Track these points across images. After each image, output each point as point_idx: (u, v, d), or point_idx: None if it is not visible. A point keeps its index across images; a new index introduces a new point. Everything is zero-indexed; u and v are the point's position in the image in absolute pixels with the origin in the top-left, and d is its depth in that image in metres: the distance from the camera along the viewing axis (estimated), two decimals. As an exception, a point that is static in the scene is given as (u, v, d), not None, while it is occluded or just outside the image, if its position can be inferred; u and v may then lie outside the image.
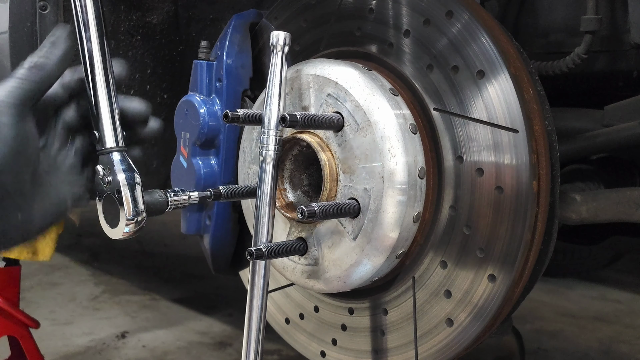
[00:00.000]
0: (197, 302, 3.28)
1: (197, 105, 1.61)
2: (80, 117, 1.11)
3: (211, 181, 1.62)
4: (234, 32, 1.62)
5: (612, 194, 1.47)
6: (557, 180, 1.28)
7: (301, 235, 1.33)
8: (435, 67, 1.26)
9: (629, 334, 3.07)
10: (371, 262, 1.26)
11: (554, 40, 1.69)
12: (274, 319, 1.63)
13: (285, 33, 1.23)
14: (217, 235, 1.68)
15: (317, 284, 1.35)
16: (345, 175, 1.27)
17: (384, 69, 1.35)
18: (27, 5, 1.69)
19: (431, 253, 1.29)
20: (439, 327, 1.29)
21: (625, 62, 1.65)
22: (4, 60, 1.79)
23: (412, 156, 1.24)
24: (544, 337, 2.95)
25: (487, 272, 1.21)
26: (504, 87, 1.19)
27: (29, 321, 2.15)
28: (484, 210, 1.21)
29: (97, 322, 2.98)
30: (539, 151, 1.21)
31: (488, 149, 1.20)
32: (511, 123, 1.18)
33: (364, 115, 1.24)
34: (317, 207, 1.16)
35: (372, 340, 1.41)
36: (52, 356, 2.56)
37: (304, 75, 1.33)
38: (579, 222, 1.51)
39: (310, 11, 1.51)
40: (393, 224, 1.23)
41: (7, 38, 1.76)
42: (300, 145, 1.35)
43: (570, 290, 3.65)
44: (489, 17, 1.28)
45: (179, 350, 2.70)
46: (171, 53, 1.90)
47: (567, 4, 1.65)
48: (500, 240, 1.19)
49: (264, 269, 1.22)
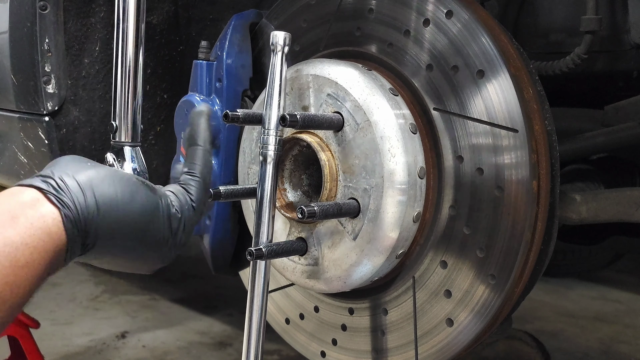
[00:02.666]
0: (197, 302, 3.28)
1: (197, 105, 1.61)
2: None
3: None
4: (234, 32, 1.62)
5: (612, 194, 1.47)
6: (557, 180, 1.28)
7: (301, 235, 1.33)
8: (435, 67, 1.26)
9: (629, 334, 3.07)
10: (371, 262, 1.26)
11: (554, 40, 1.69)
12: (274, 319, 1.63)
13: (285, 33, 1.23)
14: (217, 235, 1.68)
15: (317, 284, 1.34)
16: (345, 175, 1.27)
17: (383, 69, 1.35)
18: (27, 5, 1.69)
19: (431, 253, 1.28)
20: (439, 327, 1.29)
21: (625, 62, 1.65)
22: (4, 60, 1.79)
23: (412, 156, 1.24)
24: (544, 337, 2.94)
25: (487, 272, 1.21)
26: (503, 86, 1.19)
27: (29, 321, 2.14)
28: (484, 210, 1.21)
29: (97, 322, 2.98)
30: (539, 151, 1.21)
31: (488, 149, 1.20)
32: (511, 123, 1.18)
33: (364, 115, 1.24)
34: (317, 207, 1.16)
35: (372, 340, 1.41)
36: (52, 356, 2.55)
37: (303, 75, 1.33)
38: (579, 222, 1.51)
39: (310, 11, 1.51)
40: (393, 224, 1.23)
41: (7, 38, 1.76)
42: (300, 145, 1.35)
43: (570, 290, 3.65)
44: (489, 17, 1.28)
45: (179, 350, 2.70)
46: (171, 53, 1.90)
47: (567, 4, 1.65)
48: (500, 240, 1.19)
49: (264, 269, 1.22)
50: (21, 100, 1.78)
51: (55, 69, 1.72)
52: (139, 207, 0.95)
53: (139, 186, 0.96)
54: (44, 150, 1.79)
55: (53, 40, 1.70)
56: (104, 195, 0.91)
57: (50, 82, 1.73)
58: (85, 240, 0.91)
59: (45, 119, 1.75)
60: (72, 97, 1.78)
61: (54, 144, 1.77)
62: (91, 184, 0.91)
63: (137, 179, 0.98)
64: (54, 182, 0.89)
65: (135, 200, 0.94)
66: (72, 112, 1.78)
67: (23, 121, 1.81)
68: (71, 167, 0.93)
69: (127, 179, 0.96)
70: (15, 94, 1.79)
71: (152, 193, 0.97)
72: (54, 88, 1.73)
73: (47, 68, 1.71)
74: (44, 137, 1.76)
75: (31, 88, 1.74)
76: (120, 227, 0.93)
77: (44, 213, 0.86)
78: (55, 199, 0.87)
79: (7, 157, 1.94)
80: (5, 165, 1.97)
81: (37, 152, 1.82)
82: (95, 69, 1.80)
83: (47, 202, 0.87)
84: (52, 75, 1.72)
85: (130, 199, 0.94)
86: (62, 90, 1.74)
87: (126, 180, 0.95)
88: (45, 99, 1.73)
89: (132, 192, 0.94)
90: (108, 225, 0.92)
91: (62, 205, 0.87)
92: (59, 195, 0.88)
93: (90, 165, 0.95)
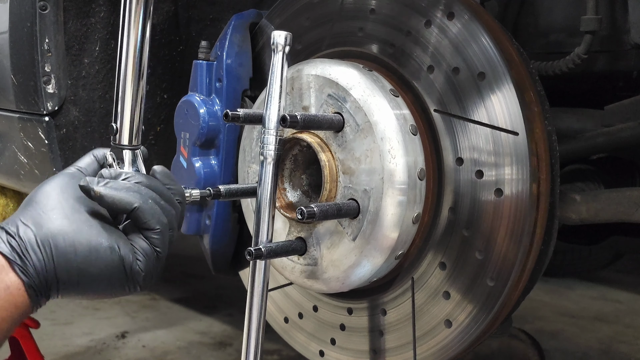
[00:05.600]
0: (197, 302, 3.28)
1: (197, 105, 1.61)
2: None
3: (211, 181, 1.62)
4: (234, 32, 1.62)
5: (612, 194, 1.47)
6: (557, 181, 1.28)
7: (300, 235, 1.33)
8: (436, 68, 1.26)
9: (629, 334, 3.07)
10: (370, 262, 1.26)
11: (554, 40, 1.69)
12: (273, 319, 1.63)
13: (286, 33, 1.23)
14: (217, 235, 1.68)
15: (316, 284, 1.34)
16: (345, 176, 1.27)
17: (385, 70, 1.35)
18: (27, 5, 1.69)
19: (430, 254, 1.28)
20: (438, 328, 1.29)
21: (625, 62, 1.65)
22: (4, 60, 1.79)
23: (412, 157, 1.24)
24: (544, 337, 2.95)
25: (486, 274, 1.21)
26: (504, 89, 1.19)
27: (29, 321, 2.14)
28: (484, 212, 1.21)
29: (97, 322, 2.98)
30: (539, 154, 1.21)
31: (488, 151, 1.20)
32: (511, 125, 1.18)
33: (365, 115, 1.24)
34: (317, 208, 1.16)
35: (371, 341, 1.41)
36: (52, 356, 2.56)
37: (304, 75, 1.33)
38: (579, 222, 1.51)
39: (311, 11, 1.50)
40: (392, 225, 1.23)
41: (7, 38, 1.76)
42: (301, 145, 1.35)
43: (570, 290, 3.65)
44: (490, 18, 1.28)
45: (179, 350, 2.71)
46: (171, 53, 1.90)
47: (567, 4, 1.65)
48: (500, 243, 1.19)
49: (263, 269, 1.22)
50: (21, 100, 1.78)
51: (55, 69, 1.72)
52: (100, 270, 0.98)
53: (101, 244, 0.98)
54: (44, 150, 1.79)
55: (53, 40, 1.70)
56: (65, 255, 0.95)
57: (50, 82, 1.73)
58: (49, 295, 0.97)
59: (45, 119, 1.75)
60: (72, 97, 1.78)
61: (54, 144, 1.77)
62: (55, 242, 0.95)
63: (103, 231, 0.99)
64: (17, 245, 0.93)
65: (94, 265, 0.97)
66: (72, 112, 1.79)
67: (23, 121, 1.81)
68: (42, 217, 0.97)
69: (94, 233, 0.98)
70: (15, 94, 1.79)
71: (113, 252, 0.99)
72: (54, 88, 1.73)
73: (47, 68, 1.71)
74: (44, 137, 1.76)
75: (31, 88, 1.74)
76: (82, 283, 0.98)
77: (9, 284, 0.92)
78: (19, 270, 0.93)
79: (7, 157, 1.94)
80: (5, 165, 1.97)
81: (37, 152, 1.82)
82: (95, 69, 1.80)
83: (11, 272, 0.92)
84: (52, 75, 1.72)
85: (89, 264, 0.97)
86: (62, 90, 1.74)
87: (90, 236, 0.98)
88: (45, 99, 1.73)
89: (93, 253, 0.97)
90: (70, 283, 0.97)
91: (25, 276, 0.93)
92: (23, 265, 0.93)
93: (63, 213, 0.98)
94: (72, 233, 0.97)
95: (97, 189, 0.99)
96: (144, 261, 1.01)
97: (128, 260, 0.99)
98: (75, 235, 0.97)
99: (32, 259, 0.93)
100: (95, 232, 0.98)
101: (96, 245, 0.97)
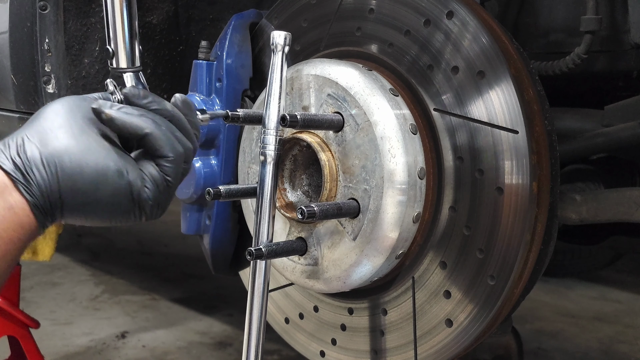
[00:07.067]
0: (197, 302, 3.28)
1: (197, 105, 1.61)
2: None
3: (211, 181, 1.62)
4: (234, 32, 1.62)
5: (612, 194, 1.47)
6: (557, 180, 1.28)
7: (301, 235, 1.33)
8: (436, 67, 1.26)
9: (629, 334, 3.07)
10: (371, 262, 1.26)
11: (554, 40, 1.69)
12: (273, 319, 1.63)
13: (285, 33, 1.23)
14: (217, 235, 1.68)
15: (317, 284, 1.34)
16: (345, 176, 1.27)
17: (384, 69, 1.35)
18: (27, 5, 1.69)
19: (431, 253, 1.28)
20: (439, 327, 1.29)
21: (625, 62, 1.65)
22: (4, 60, 1.79)
23: (412, 156, 1.24)
24: (544, 337, 2.95)
25: (487, 272, 1.21)
26: (504, 87, 1.19)
27: (29, 321, 2.14)
28: (484, 211, 1.21)
29: (97, 322, 2.98)
30: (539, 152, 1.21)
31: (488, 150, 1.20)
32: (511, 124, 1.18)
33: (364, 115, 1.24)
34: (317, 208, 1.16)
35: (372, 340, 1.41)
36: (52, 356, 2.56)
37: (304, 75, 1.33)
38: (579, 222, 1.51)
39: (310, 11, 1.51)
40: (393, 225, 1.23)
41: (7, 38, 1.76)
42: (301, 145, 1.35)
43: (570, 290, 3.65)
44: (489, 17, 1.28)
45: (179, 350, 2.70)
46: (171, 53, 1.90)
47: (567, 4, 1.65)
48: (500, 242, 1.19)
49: (264, 269, 1.22)
50: (21, 100, 1.78)
51: (55, 69, 1.72)
52: (106, 195, 0.93)
53: (109, 167, 0.93)
54: (44, 150, 1.78)
55: (53, 40, 1.70)
56: (71, 177, 0.91)
57: (50, 82, 1.73)
58: (54, 217, 0.92)
59: (45, 119, 1.75)
60: (72, 97, 1.77)
61: (54, 144, 1.77)
62: (61, 162, 0.90)
63: (113, 153, 0.94)
64: (21, 162, 0.89)
65: (100, 189, 0.93)
66: (72, 112, 1.78)
67: (23, 121, 1.81)
68: (48, 134, 0.91)
69: (102, 156, 0.93)
70: (15, 94, 1.79)
71: (121, 177, 0.94)
72: (54, 88, 1.73)
73: (47, 68, 1.71)
74: (44, 137, 1.76)
75: (31, 88, 1.74)
76: (87, 207, 0.93)
77: (13, 204, 0.87)
78: (24, 189, 0.88)
79: (7, 157, 1.94)
80: (5, 165, 1.97)
81: (37, 152, 1.81)
82: (95, 69, 1.80)
83: (15, 191, 0.88)
84: (52, 75, 1.72)
85: (96, 188, 0.92)
86: (62, 90, 1.74)
87: (98, 158, 0.93)
88: (45, 99, 1.73)
89: (101, 176, 0.92)
90: (75, 206, 0.92)
91: (30, 195, 0.88)
92: (27, 184, 0.88)
93: (70, 132, 0.92)
94: (80, 153, 0.91)
95: (108, 112, 0.94)
96: (153, 189, 0.97)
97: (136, 186, 0.95)
98: (83, 156, 0.91)
99: (36, 178, 0.89)
100: (103, 154, 0.93)
101: (104, 167, 0.92)
